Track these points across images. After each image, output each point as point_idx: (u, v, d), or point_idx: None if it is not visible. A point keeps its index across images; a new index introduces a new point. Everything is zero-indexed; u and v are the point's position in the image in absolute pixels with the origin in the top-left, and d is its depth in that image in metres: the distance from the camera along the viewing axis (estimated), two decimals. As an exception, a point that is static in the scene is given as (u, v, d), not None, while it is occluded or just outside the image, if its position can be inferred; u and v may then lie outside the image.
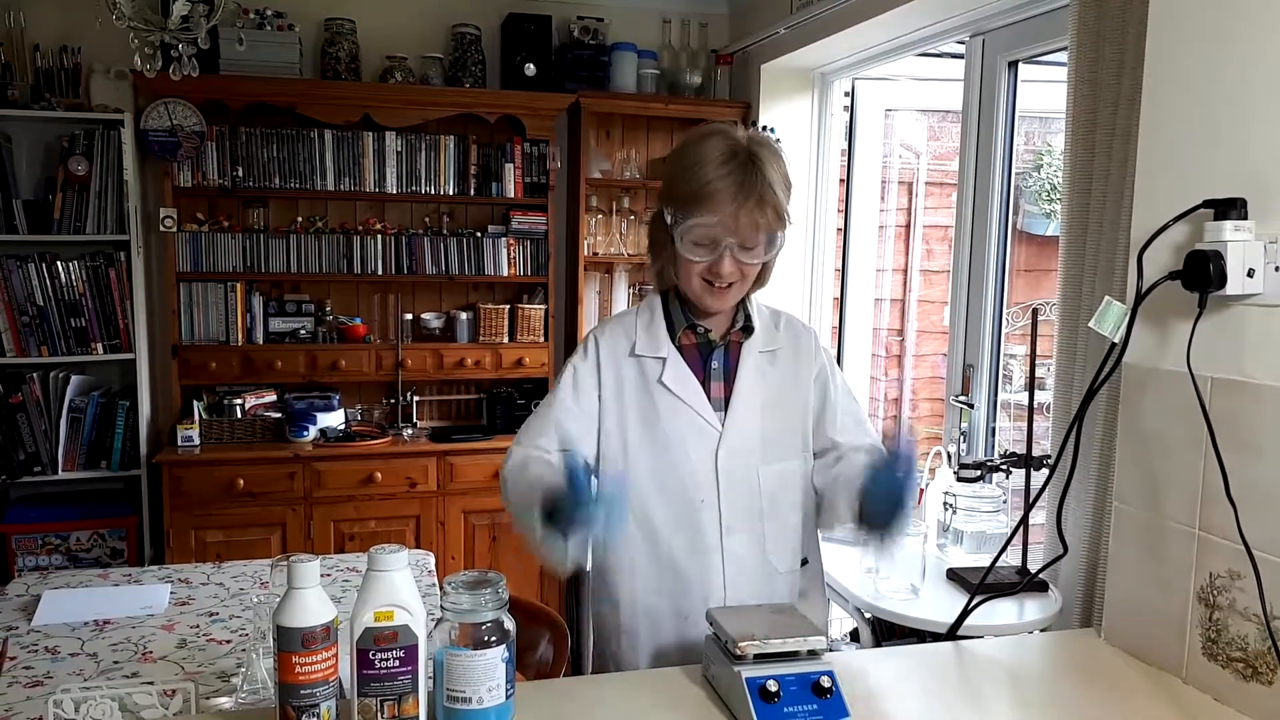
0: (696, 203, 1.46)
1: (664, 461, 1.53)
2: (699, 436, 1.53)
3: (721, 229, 1.45)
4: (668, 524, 1.53)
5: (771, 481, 1.56)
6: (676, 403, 1.53)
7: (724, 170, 1.44)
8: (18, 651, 1.81)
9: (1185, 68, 1.41)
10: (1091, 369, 1.74)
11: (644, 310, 1.61)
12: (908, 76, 4.21)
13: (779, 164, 1.49)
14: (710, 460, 1.53)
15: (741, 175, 1.44)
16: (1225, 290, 1.29)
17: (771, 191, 1.45)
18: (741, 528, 1.54)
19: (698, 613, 1.51)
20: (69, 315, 3.34)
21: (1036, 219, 4.51)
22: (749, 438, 1.55)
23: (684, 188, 1.47)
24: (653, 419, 1.54)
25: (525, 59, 3.70)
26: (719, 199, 1.44)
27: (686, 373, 1.55)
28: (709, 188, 1.44)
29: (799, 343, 1.63)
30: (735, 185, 1.43)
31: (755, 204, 1.44)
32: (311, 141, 3.56)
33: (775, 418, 1.57)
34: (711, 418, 1.54)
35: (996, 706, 1.34)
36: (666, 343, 1.56)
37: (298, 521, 3.38)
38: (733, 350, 1.58)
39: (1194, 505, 1.38)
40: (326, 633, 1.16)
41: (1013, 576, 2.08)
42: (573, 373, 1.57)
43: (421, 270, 3.69)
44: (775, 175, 1.47)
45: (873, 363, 4.42)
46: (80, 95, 3.38)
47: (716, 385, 1.56)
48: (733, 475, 1.53)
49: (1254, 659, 1.29)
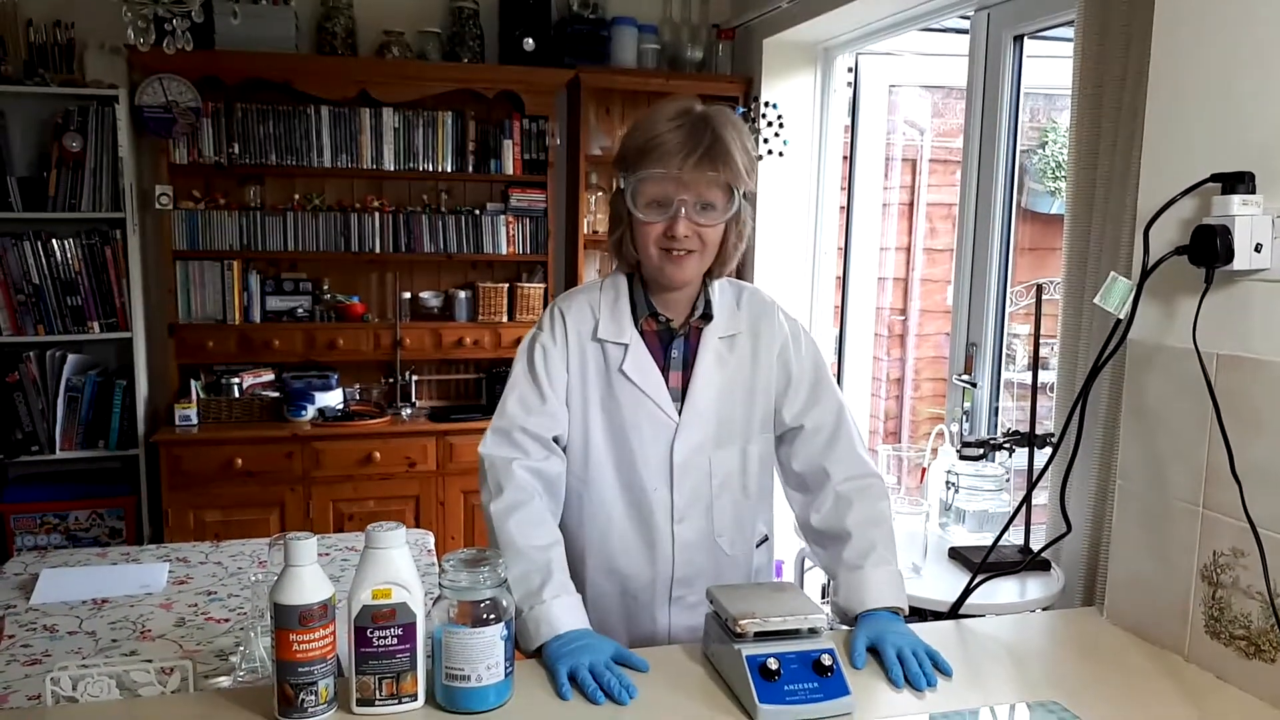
0: (645, 156, 1.42)
1: (620, 449, 1.52)
2: (656, 427, 1.51)
3: (672, 184, 1.42)
4: (619, 509, 1.53)
5: (723, 467, 1.55)
6: (636, 393, 1.51)
7: (674, 124, 1.42)
8: (16, 629, 1.80)
9: (1193, 40, 1.39)
10: (1096, 347, 1.73)
11: (609, 289, 1.56)
12: (912, 52, 4.17)
13: (736, 130, 1.45)
14: (665, 450, 1.51)
15: (692, 128, 1.41)
16: (1232, 265, 1.28)
17: (723, 146, 1.41)
18: (692, 514, 1.53)
19: (646, 595, 1.54)
20: (65, 294, 3.32)
21: (1041, 197, 4.49)
22: (705, 426, 1.53)
23: (634, 144, 1.45)
24: (612, 407, 1.52)
25: (524, 34, 3.66)
26: (667, 149, 1.41)
27: (648, 361, 1.52)
28: (657, 139, 1.42)
29: (760, 322, 1.59)
30: (685, 136, 1.40)
31: (705, 156, 1.40)
32: (308, 118, 3.53)
33: (731, 403, 1.55)
34: (670, 408, 1.51)
35: (998, 685, 1.34)
36: (630, 328, 1.53)
37: (296, 501, 3.38)
38: (693, 337, 1.55)
39: (1198, 483, 1.37)
40: (324, 610, 1.16)
41: (1015, 555, 2.08)
42: (543, 354, 1.52)
43: (420, 248, 3.67)
44: (730, 135, 1.43)
45: (875, 342, 4.40)
46: (74, 71, 3.34)
47: (675, 374, 1.54)
48: (686, 465, 1.52)
49: (1257, 637, 1.29)
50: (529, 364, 1.52)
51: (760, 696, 1.19)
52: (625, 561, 1.54)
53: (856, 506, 1.52)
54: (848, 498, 1.53)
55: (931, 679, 1.30)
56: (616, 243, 1.52)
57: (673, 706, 1.24)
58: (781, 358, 1.59)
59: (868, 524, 1.50)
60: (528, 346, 1.55)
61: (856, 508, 1.51)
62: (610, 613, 1.55)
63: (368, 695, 1.18)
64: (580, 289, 1.61)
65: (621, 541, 1.54)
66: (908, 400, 4.95)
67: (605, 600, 1.55)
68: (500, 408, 1.52)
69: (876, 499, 1.54)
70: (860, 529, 1.50)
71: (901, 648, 1.33)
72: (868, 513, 1.51)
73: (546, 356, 1.52)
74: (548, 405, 1.50)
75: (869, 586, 1.45)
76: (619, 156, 1.50)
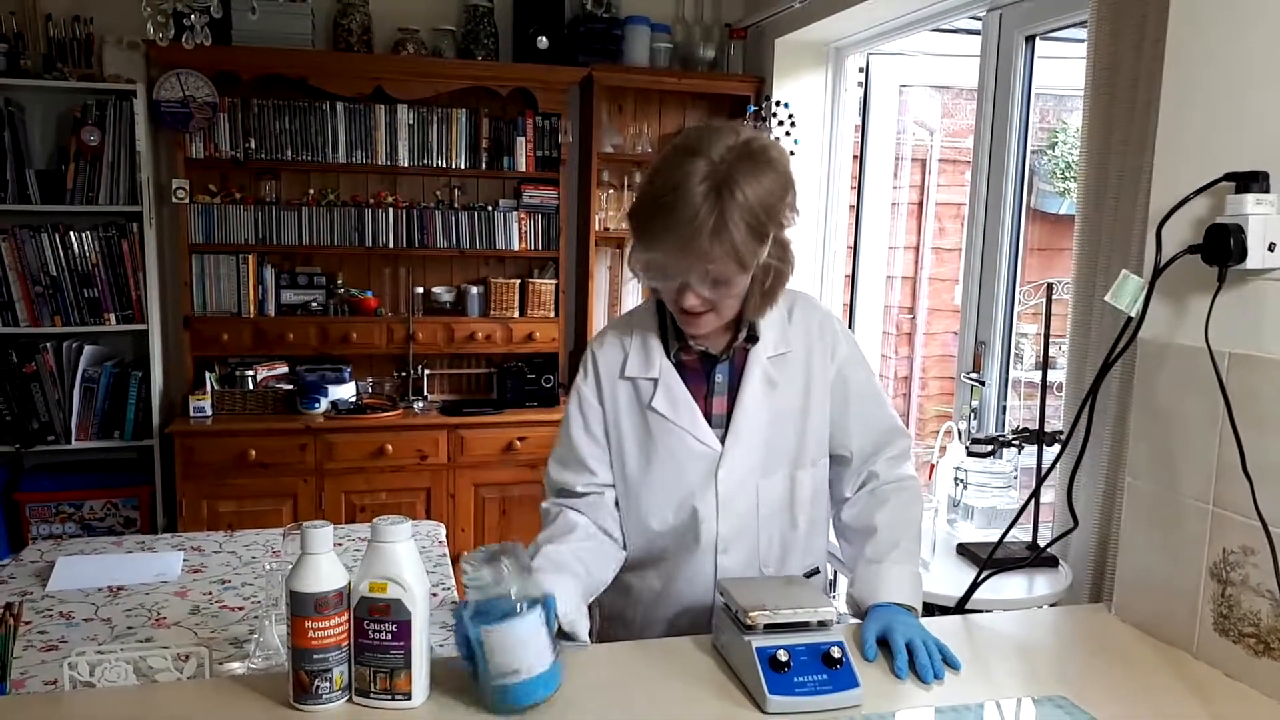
0: (638, 233, 1.34)
1: (661, 480, 1.48)
2: (696, 459, 1.46)
3: (666, 266, 1.33)
4: (662, 539, 1.50)
5: (770, 494, 1.49)
6: (670, 426, 1.46)
7: (671, 201, 1.28)
8: (32, 616, 1.82)
9: (1208, 38, 1.39)
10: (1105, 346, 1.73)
11: (640, 320, 1.51)
12: (923, 52, 4.18)
13: (754, 187, 1.28)
14: (710, 480, 1.46)
15: (699, 205, 1.27)
16: (1245, 264, 1.28)
17: (727, 229, 1.27)
18: (738, 545, 1.49)
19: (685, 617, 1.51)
20: (82, 286, 3.35)
21: (1050, 198, 4.48)
22: (751, 455, 1.47)
23: (639, 205, 1.34)
24: (648, 443, 1.47)
25: (538, 32, 3.67)
26: (657, 236, 1.30)
27: (680, 394, 1.46)
28: (649, 222, 1.31)
29: (814, 339, 1.51)
30: (687, 218, 1.27)
31: (709, 242, 1.27)
32: (323, 114, 3.55)
33: (783, 429, 1.48)
34: (709, 438, 1.46)
35: (1005, 679, 1.34)
36: (660, 360, 1.47)
37: (309, 492, 3.40)
38: (739, 357, 1.48)
39: (1208, 481, 1.37)
40: (339, 598, 1.17)
41: (1023, 552, 2.08)
42: (578, 399, 1.51)
43: (433, 244, 3.69)
44: (735, 211, 1.27)
45: (884, 340, 4.41)
46: (93, 65, 3.37)
47: (720, 400, 1.47)
48: (732, 494, 1.47)
49: (1266, 634, 1.29)
50: (568, 413, 1.53)
51: (770, 687, 1.20)
52: (668, 589, 1.51)
53: (890, 505, 1.51)
54: (883, 496, 1.52)
55: (939, 671, 1.30)
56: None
57: (683, 698, 1.24)
58: (837, 383, 1.52)
59: (897, 523, 1.49)
60: (572, 392, 1.55)
61: (889, 506, 1.51)
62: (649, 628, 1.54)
63: (364, 686, 1.19)
64: (616, 322, 1.56)
65: (664, 571, 1.51)
66: (915, 398, 4.96)
67: (653, 629, 1.53)
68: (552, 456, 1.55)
69: (911, 502, 1.53)
70: (889, 527, 1.49)
71: (911, 639, 1.33)
72: (900, 513, 1.50)
73: (582, 403, 1.51)
74: (578, 455, 1.50)
75: (886, 581, 1.44)
76: (632, 211, 1.37)
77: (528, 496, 3.61)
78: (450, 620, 1.88)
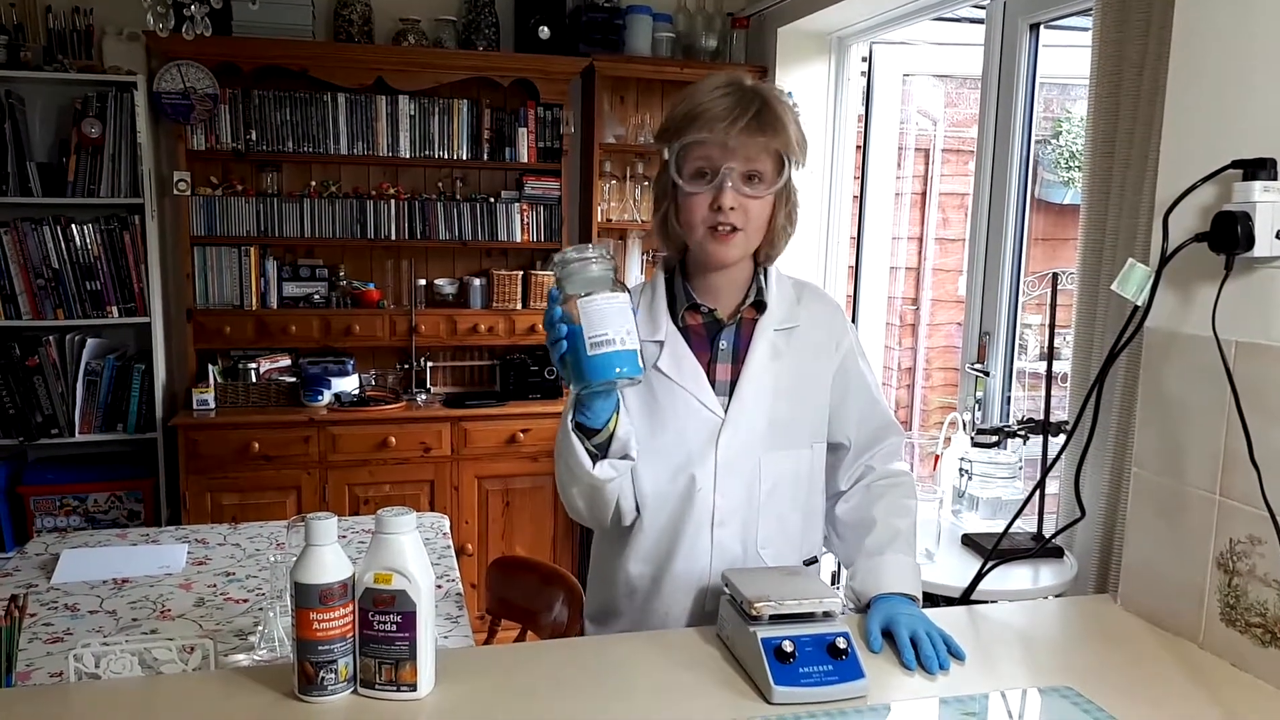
0: (691, 122, 1.39)
1: (662, 445, 1.46)
2: (698, 423, 1.44)
3: (718, 150, 1.38)
4: (661, 507, 1.47)
5: (773, 471, 1.47)
6: (674, 387, 1.45)
7: (721, 91, 1.39)
8: (37, 608, 1.83)
9: (1214, 25, 1.38)
10: (1111, 336, 1.73)
11: (647, 288, 1.53)
12: (926, 41, 4.16)
13: (786, 105, 1.42)
14: (710, 447, 1.44)
15: (740, 95, 1.39)
16: (1253, 252, 1.27)
17: (772, 113, 1.38)
18: (734, 520, 1.47)
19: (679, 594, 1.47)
20: (84, 278, 3.35)
21: (1054, 187, 4.47)
22: (754, 424, 1.45)
23: (679, 112, 1.42)
24: (652, 405, 1.45)
25: (539, 22, 3.66)
26: (713, 114, 1.37)
27: (685, 355, 1.46)
28: (702, 105, 1.39)
29: (821, 320, 1.53)
30: (733, 102, 1.37)
31: (754, 122, 1.37)
32: (324, 105, 3.54)
33: (786, 402, 1.47)
34: (713, 403, 1.45)
35: (1010, 669, 1.34)
36: (666, 324, 1.48)
37: (312, 485, 3.40)
38: (745, 328, 1.48)
39: (1215, 470, 1.37)
40: (344, 589, 1.17)
41: (1028, 543, 2.08)
42: None
43: (435, 235, 3.68)
44: (779, 106, 1.40)
45: (887, 331, 4.40)
46: (93, 57, 3.36)
47: (724, 367, 1.47)
48: (732, 464, 1.45)
49: (1273, 624, 1.29)
50: None
51: (775, 678, 1.20)
52: (664, 573, 1.47)
53: (886, 498, 1.51)
54: (879, 490, 1.53)
55: (944, 661, 1.30)
56: (661, 221, 1.48)
57: (688, 688, 1.24)
58: (841, 371, 1.53)
59: (893, 515, 1.50)
60: None
61: (885, 500, 1.51)
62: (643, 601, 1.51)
63: (369, 677, 1.19)
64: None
65: (659, 538, 1.48)
66: (919, 389, 4.95)
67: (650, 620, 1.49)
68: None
69: (906, 495, 1.53)
70: (886, 519, 1.49)
71: (915, 630, 1.33)
72: (895, 506, 1.51)
73: None
74: None
75: (886, 571, 1.44)
76: (663, 129, 1.46)
77: (531, 488, 3.61)
78: (454, 613, 1.88)
